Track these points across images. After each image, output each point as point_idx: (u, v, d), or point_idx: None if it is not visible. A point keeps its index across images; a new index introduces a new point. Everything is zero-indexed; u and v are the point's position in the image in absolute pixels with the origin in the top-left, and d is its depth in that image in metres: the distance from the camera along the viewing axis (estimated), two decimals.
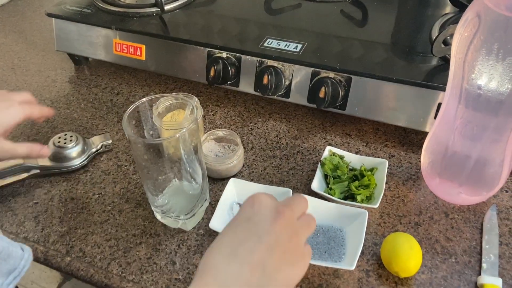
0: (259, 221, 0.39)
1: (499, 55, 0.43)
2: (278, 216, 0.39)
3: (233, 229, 0.40)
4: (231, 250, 0.38)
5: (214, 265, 0.38)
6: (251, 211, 0.40)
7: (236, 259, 0.37)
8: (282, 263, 0.38)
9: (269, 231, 0.39)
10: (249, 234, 0.39)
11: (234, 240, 0.39)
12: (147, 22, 0.80)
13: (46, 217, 0.60)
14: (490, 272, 0.50)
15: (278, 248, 0.38)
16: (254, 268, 0.37)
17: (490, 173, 0.54)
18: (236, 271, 0.37)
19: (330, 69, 0.66)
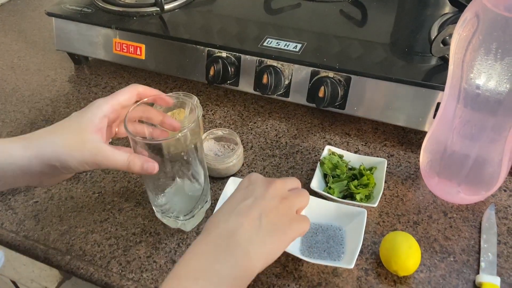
0: (254, 188, 0.47)
1: (497, 55, 0.43)
2: (270, 184, 0.47)
3: (232, 196, 0.47)
4: (230, 209, 0.45)
5: (216, 222, 0.44)
6: (247, 182, 0.48)
7: (234, 213, 0.44)
8: (277, 220, 0.44)
9: (263, 195, 0.45)
10: (246, 197, 0.46)
11: (233, 202, 0.46)
12: (147, 22, 0.80)
13: (46, 215, 0.60)
14: (488, 271, 0.51)
15: (272, 207, 0.45)
16: (252, 220, 0.43)
17: (489, 172, 0.54)
18: (235, 223, 0.43)
19: (329, 68, 0.66)
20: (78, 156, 0.47)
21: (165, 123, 0.54)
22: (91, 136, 0.48)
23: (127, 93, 0.52)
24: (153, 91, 0.54)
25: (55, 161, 0.47)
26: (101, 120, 0.50)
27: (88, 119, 0.49)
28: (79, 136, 0.48)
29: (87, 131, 0.48)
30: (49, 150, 0.47)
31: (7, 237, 0.57)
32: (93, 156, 0.48)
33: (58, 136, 0.48)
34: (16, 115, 0.77)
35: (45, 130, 0.50)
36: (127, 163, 0.48)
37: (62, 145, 0.47)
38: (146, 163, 0.49)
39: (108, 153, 0.48)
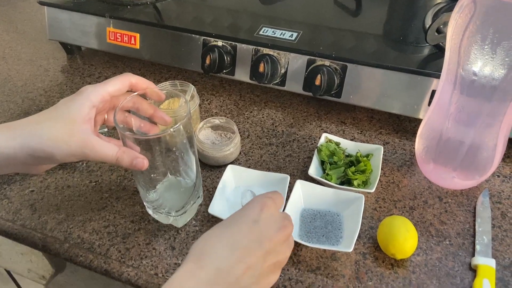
0: (265, 227, 0.43)
1: (494, 39, 0.44)
2: (283, 229, 0.43)
3: (238, 226, 0.43)
4: (232, 244, 0.41)
5: (213, 251, 0.40)
6: (258, 215, 0.43)
7: (235, 254, 0.40)
8: (270, 270, 0.42)
9: (271, 239, 0.42)
10: (253, 236, 0.42)
11: (237, 236, 0.42)
12: (141, 11, 0.79)
13: (43, 204, 0.60)
14: (483, 254, 0.52)
15: (273, 257, 0.42)
16: (248, 269, 0.40)
17: (484, 157, 0.55)
18: (232, 265, 0.40)
19: (325, 57, 0.66)
20: (64, 149, 0.46)
21: (156, 117, 0.52)
22: (79, 127, 0.46)
23: (118, 83, 0.50)
24: (146, 82, 0.52)
25: (40, 153, 0.46)
26: (89, 110, 0.48)
27: (76, 109, 0.47)
28: (66, 127, 0.46)
29: (75, 122, 0.46)
30: (34, 142, 0.45)
31: (3, 226, 0.57)
32: (81, 148, 0.46)
33: (44, 127, 0.46)
34: (9, 105, 0.77)
35: (32, 119, 0.48)
36: (115, 158, 0.47)
37: (48, 137, 0.46)
38: (135, 159, 0.47)
39: (96, 146, 0.46)
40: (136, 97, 0.51)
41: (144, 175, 0.51)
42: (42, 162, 0.48)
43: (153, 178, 0.52)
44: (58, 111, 0.48)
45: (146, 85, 0.52)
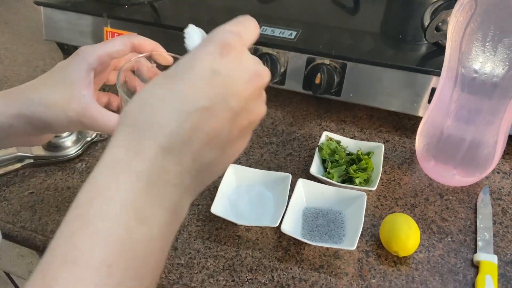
0: (230, 78, 0.29)
1: (495, 37, 0.44)
2: (256, 79, 0.30)
3: (191, 78, 0.29)
4: (185, 107, 0.28)
5: (158, 123, 0.28)
6: (219, 62, 0.29)
7: (190, 120, 0.28)
8: (239, 135, 0.31)
9: (240, 95, 0.29)
10: (214, 93, 0.29)
11: (191, 94, 0.28)
12: (139, 10, 0.79)
13: (43, 206, 0.59)
14: (485, 250, 0.52)
15: (244, 118, 0.30)
16: (211, 139, 0.29)
17: (484, 154, 0.55)
18: (187, 138, 0.28)
19: (325, 55, 0.66)
20: (61, 117, 0.42)
21: None
22: (77, 93, 0.42)
23: (119, 44, 0.45)
24: (151, 44, 0.47)
25: (36, 121, 0.43)
26: (87, 72, 0.43)
27: (73, 72, 0.43)
28: (64, 92, 0.42)
29: (73, 88, 0.42)
30: (30, 109, 0.42)
31: (4, 228, 0.56)
32: (79, 116, 0.42)
33: (40, 94, 0.42)
34: None
35: (29, 84, 0.44)
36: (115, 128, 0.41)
37: (45, 104, 0.42)
38: None
39: (95, 114, 0.42)
40: (142, 59, 0.46)
41: None
42: (41, 131, 0.45)
43: None
44: (54, 76, 0.44)
45: (151, 47, 0.46)
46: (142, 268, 0.27)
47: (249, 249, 0.53)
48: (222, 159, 0.31)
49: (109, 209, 0.26)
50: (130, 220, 0.26)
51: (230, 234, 0.55)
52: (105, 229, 0.26)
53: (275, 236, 0.55)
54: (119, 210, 0.26)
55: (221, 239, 0.54)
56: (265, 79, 0.31)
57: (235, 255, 0.53)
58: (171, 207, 0.28)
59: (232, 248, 0.53)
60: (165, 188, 0.28)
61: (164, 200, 0.28)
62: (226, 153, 0.31)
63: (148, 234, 0.27)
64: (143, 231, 0.27)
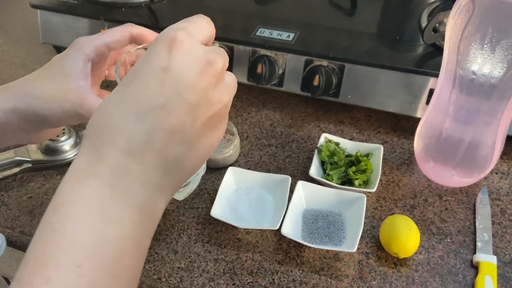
0: (181, 72, 0.29)
1: (493, 39, 0.45)
2: (208, 67, 0.29)
3: (143, 80, 0.29)
4: (140, 109, 0.28)
5: (114, 128, 0.28)
6: (167, 58, 0.29)
7: (145, 121, 0.28)
8: (208, 127, 0.31)
9: (194, 86, 0.29)
10: (167, 89, 0.29)
11: (144, 95, 0.29)
12: (136, 13, 0.79)
13: (42, 210, 0.59)
14: (484, 250, 0.52)
15: (205, 109, 0.30)
16: (172, 136, 0.29)
17: (483, 155, 0.55)
18: (146, 138, 0.28)
19: (323, 57, 0.66)
20: (57, 109, 0.41)
21: None
22: (74, 85, 0.41)
23: (117, 34, 0.44)
24: (151, 34, 0.45)
25: (32, 116, 0.41)
26: (84, 64, 0.42)
27: (70, 64, 0.42)
28: (60, 85, 0.41)
29: (70, 79, 0.41)
30: (25, 103, 0.41)
31: (3, 233, 0.56)
32: (76, 108, 0.41)
33: (36, 87, 0.41)
34: None
35: (25, 78, 0.43)
36: None
37: (40, 97, 0.41)
38: None
39: (93, 105, 0.41)
40: (141, 51, 0.44)
41: None
42: (39, 126, 0.44)
43: None
44: (51, 68, 0.43)
45: (151, 37, 0.45)
46: (115, 268, 0.27)
47: (249, 252, 0.53)
48: (192, 154, 0.30)
49: (75, 212, 0.27)
50: (96, 221, 0.27)
51: (230, 237, 0.55)
52: (73, 231, 0.26)
53: (275, 238, 0.55)
54: (85, 213, 0.27)
55: (221, 242, 0.54)
56: (219, 65, 0.30)
57: (236, 258, 0.53)
58: (139, 205, 0.29)
59: (232, 251, 0.53)
60: (130, 188, 0.28)
61: (130, 200, 0.28)
62: (196, 148, 0.31)
63: (118, 234, 0.28)
64: (111, 231, 0.27)
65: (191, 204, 0.59)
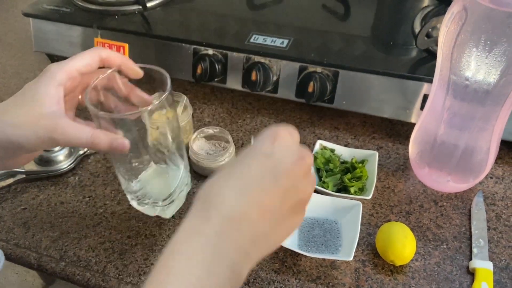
0: (279, 160, 0.35)
1: (486, 46, 0.45)
2: (301, 160, 0.35)
3: (247, 163, 0.35)
4: (242, 185, 0.34)
5: (220, 198, 0.34)
6: (270, 147, 0.36)
7: (246, 196, 0.34)
8: (290, 212, 0.35)
9: (288, 173, 0.34)
10: (266, 173, 0.34)
11: (247, 175, 0.35)
12: (129, 20, 0.79)
13: (36, 222, 0.59)
14: (480, 257, 0.52)
15: (293, 195, 0.35)
16: (264, 213, 0.34)
17: (478, 160, 0.55)
18: (244, 210, 0.33)
19: (317, 63, 0.66)
20: (31, 136, 0.42)
21: (134, 96, 0.47)
22: (47, 110, 0.42)
23: (87, 58, 0.45)
24: (119, 57, 0.46)
25: (6, 143, 0.42)
26: (56, 89, 0.43)
27: (41, 90, 0.42)
28: (32, 112, 0.42)
29: (43, 105, 0.42)
30: (0, 131, 0.42)
31: None
32: (49, 133, 0.42)
33: (9, 114, 0.42)
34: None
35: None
36: (91, 140, 0.42)
37: (12, 124, 0.42)
38: (114, 139, 0.42)
39: (67, 129, 0.42)
40: (111, 74, 0.46)
41: (124, 162, 0.46)
42: (14, 153, 0.44)
43: (134, 166, 0.48)
44: (23, 95, 0.43)
45: (120, 60, 0.46)
46: None
47: None
48: (276, 231, 0.35)
49: (185, 262, 0.32)
50: (201, 272, 0.32)
51: None
52: (183, 277, 0.31)
53: None
54: (193, 264, 0.32)
55: None
56: (309, 160, 0.36)
57: None
58: (232, 266, 0.33)
59: None
60: (227, 249, 0.33)
61: (226, 259, 0.33)
62: (280, 226, 0.35)
63: (216, 285, 0.32)
64: (212, 282, 0.32)
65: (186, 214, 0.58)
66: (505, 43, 0.44)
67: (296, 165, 0.35)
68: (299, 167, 0.35)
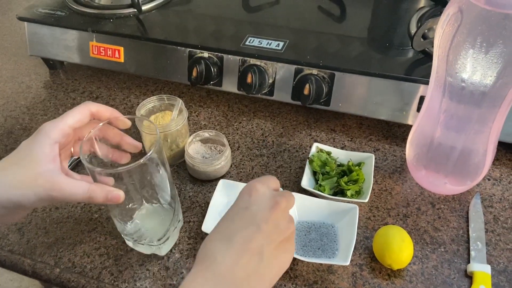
0: (257, 210, 0.41)
1: (482, 48, 0.44)
2: (276, 206, 0.41)
3: (231, 218, 0.42)
4: (229, 237, 0.40)
5: (212, 252, 0.39)
6: (248, 200, 0.42)
7: (233, 246, 0.39)
8: (278, 250, 0.41)
9: (267, 219, 0.40)
10: (247, 223, 0.40)
11: (231, 228, 0.40)
12: (124, 24, 0.78)
13: (31, 228, 0.58)
14: (478, 260, 0.52)
15: (275, 235, 0.40)
16: (253, 255, 0.39)
17: (475, 162, 0.55)
18: (234, 258, 0.39)
19: (313, 66, 0.66)
20: (30, 195, 0.43)
21: (125, 144, 0.51)
22: (43, 169, 0.44)
23: (78, 114, 0.48)
24: (108, 110, 0.49)
25: (6, 203, 0.44)
26: (52, 147, 0.45)
27: (38, 149, 0.44)
28: (30, 171, 0.44)
29: (39, 164, 0.44)
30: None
31: None
32: (48, 191, 0.43)
33: (8, 175, 0.44)
34: None
35: None
36: (87, 195, 0.44)
37: (12, 185, 0.43)
38: (109, 193, 0.45)
39: (64, 186, 0.44)
40: (105, 126, 0.49)
41: (120, 207, 0.49)
42: (12, 211, 0.45)
43: (129, 208, 0.51)
44: (20, 154, 0.45)
45: (109, 113, 0.49)
46: None
47: None
48: (269, 269, 0.40)
49: None
50: None
51: None
52: None
53: None
54: None
55: None
56: (282, 204, 0.41)
57: None
58: None
59: None
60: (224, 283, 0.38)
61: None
62: (272, 264, 0.40)
63: None
64: None
65: (183, 218, 0.58)
66: (501, 44, 0.44)
67: (272, 210, 0.41)
68: (275, 211, 0.41)
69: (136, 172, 0.46)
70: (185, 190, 0.62)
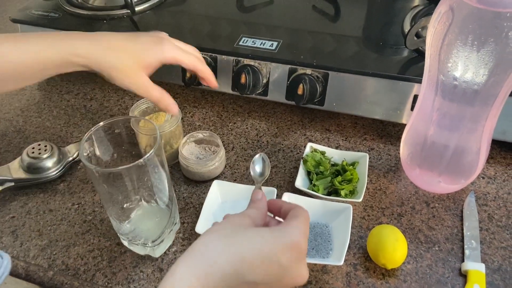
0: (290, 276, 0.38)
1: (473, 46, 0.44)
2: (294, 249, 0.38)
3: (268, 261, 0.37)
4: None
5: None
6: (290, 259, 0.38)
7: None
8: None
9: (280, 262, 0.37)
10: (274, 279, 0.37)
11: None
12: (118, 25, 0.78)
13: (25, 230, 0.58)
14: (473, 258, 0.52)
15: (288, 277, 0.38)
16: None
17: (468, 161, 0.55)
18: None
19: (307, 65, 0.66)
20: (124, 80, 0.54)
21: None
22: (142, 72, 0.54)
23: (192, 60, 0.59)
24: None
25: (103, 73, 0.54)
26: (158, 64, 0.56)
27: (149, 56, 0.55)
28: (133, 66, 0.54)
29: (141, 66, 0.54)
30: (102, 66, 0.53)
31: None
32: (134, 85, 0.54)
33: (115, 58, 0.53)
34: None
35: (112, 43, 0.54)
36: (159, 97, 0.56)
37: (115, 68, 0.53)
38: (173, 103, 0.57)
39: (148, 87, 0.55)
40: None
41: (116, 205, 0.50)
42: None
43: (126, 208, 0.51)
44: (136, 46, 0.55)
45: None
46: None
47: None
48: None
49: None
50: None
51: None
52: None
53: None
54: None
55: None
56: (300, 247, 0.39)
57: None
58: None
59: None
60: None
61: None
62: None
63: None
64: None
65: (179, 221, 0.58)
66: (492, 43, 0.44)
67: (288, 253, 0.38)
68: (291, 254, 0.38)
69: (135, 172, 0.46)
70: (179, 191, 0.62)
